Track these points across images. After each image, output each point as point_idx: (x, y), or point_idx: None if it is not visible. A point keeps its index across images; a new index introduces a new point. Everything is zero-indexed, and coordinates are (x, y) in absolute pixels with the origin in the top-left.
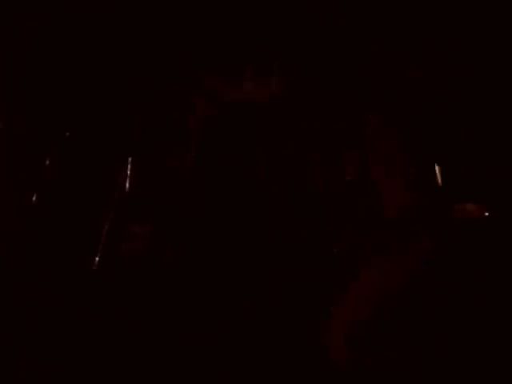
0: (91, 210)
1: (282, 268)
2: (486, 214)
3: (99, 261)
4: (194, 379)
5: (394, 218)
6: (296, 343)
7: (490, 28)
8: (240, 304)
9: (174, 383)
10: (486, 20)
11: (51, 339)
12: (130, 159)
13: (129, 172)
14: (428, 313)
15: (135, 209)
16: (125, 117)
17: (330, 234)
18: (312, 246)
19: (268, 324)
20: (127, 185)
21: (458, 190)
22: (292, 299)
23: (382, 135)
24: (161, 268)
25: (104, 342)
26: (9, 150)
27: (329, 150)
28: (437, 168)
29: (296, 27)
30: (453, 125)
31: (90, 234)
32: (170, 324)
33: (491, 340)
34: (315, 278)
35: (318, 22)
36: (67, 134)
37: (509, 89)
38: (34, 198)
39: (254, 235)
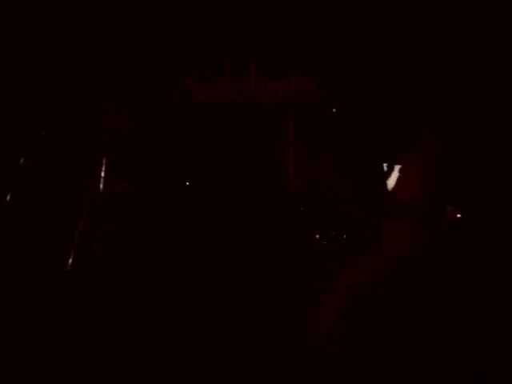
0: (64, 211)
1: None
2: (459, 215)
3: (72, 261)
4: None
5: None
6: (281, 335)
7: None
8: (215, 300)
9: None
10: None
11: (25, 339)
12: (104, 160)
13: (103, 173)
14: (415, 306)
15: (105, 209)
16: (99, 119)
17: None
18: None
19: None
20: (101, 186)
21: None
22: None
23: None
24: (128, 267)
25: (78, 341)
26: None
27: (304, 152)
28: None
29: (274, 28)
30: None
31: (63, 235)
32: (143, 322)
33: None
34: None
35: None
36: (42, 134)
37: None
38: (7, 199)
39: (229, 234)
